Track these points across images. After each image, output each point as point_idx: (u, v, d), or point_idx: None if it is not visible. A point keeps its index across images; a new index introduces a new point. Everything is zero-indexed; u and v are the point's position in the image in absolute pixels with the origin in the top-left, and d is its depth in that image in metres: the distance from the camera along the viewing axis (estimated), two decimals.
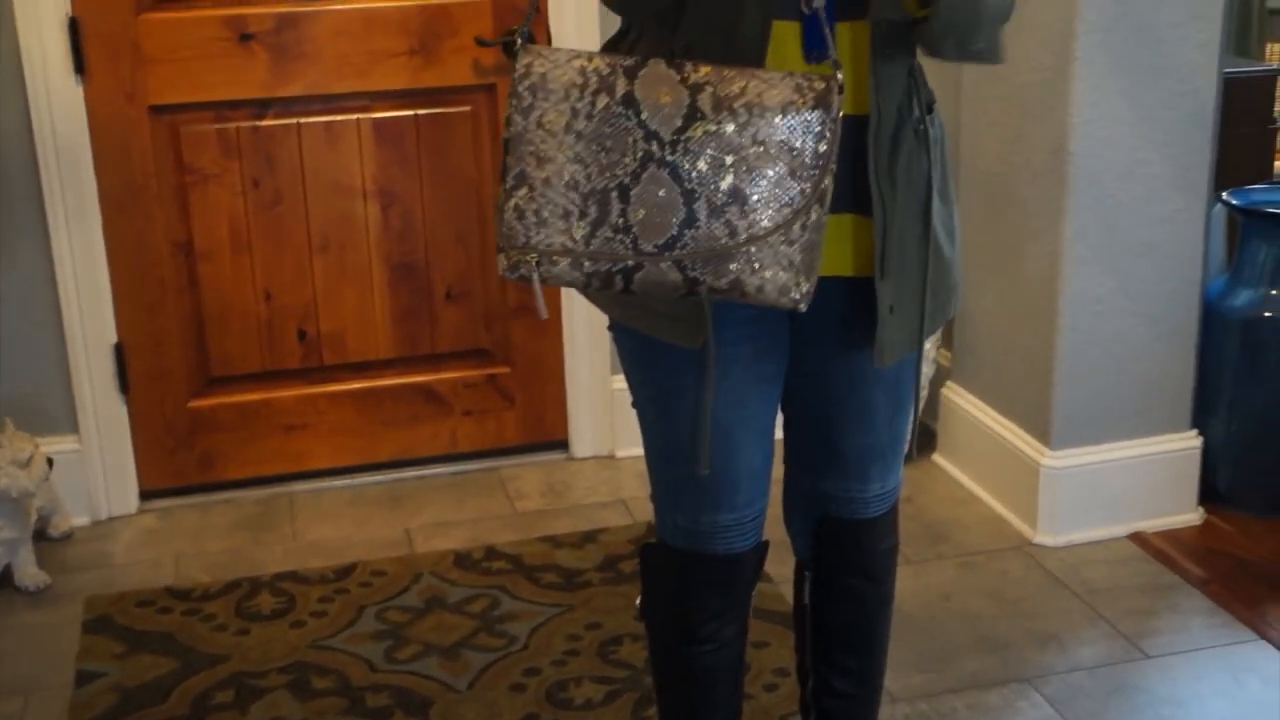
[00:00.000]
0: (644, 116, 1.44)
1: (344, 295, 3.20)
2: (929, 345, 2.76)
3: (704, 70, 1.44)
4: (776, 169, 1.43)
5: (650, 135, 1.44)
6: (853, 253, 1.65)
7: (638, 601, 1.92)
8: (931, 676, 2.48)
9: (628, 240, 1.44)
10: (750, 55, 1.52)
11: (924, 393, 3.27)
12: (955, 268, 1.75)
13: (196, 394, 3.18)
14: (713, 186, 1.43)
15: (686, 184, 1.43)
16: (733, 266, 1.43)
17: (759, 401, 1.74)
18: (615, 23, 1.70)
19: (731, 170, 1.43)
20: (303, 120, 3.09)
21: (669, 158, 1.43)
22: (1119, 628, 2.63)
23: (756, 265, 1.43)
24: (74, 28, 2.88)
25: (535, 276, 1.47)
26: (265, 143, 3.07)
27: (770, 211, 1.42)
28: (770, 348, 1.71)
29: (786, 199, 1.42)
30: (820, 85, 1.43)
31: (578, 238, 1.46)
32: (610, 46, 1.68)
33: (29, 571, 2.82)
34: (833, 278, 1.63)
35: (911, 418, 1.83)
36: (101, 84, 2.94)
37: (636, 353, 1.73)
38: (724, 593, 1.83)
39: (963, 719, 2.36)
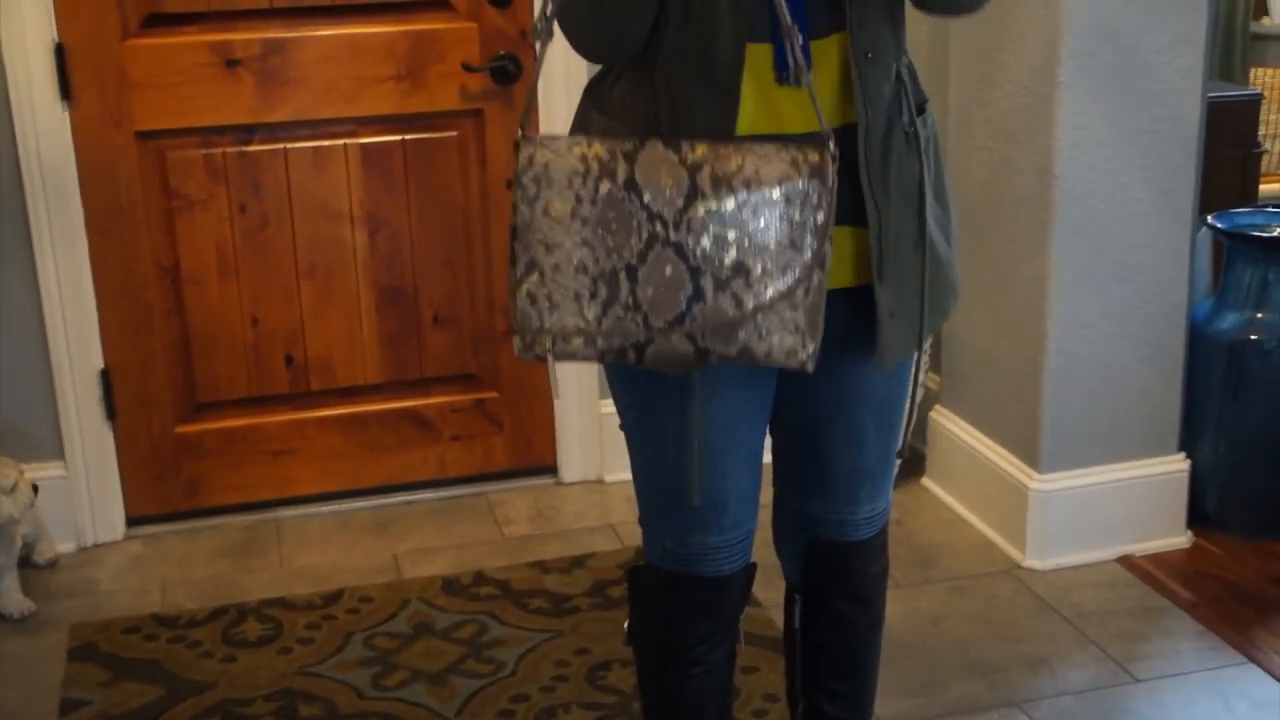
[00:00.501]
0: (647, 199, 1.48)
1: (331, 320, 3.19)
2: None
3: (700, 149, 1.48)
4: (778, 241, 1.46)
5: (654, 216, 1.47)
6: (851, 264, 1.65)
7: (625, 626, 1.92)
8: (921, 701, 2.47)
9: (638, 317, 1.49)
10: (726, 79, 1.54)
11: (914, 416, 3.26)
12: (953, 266, 1.76)
13: (183, 419, 3.17)
14: (717, 262, 1.47)
15: (692, 261, 1.47)
16: (741, 335, 1.47)
17: (747, 423, 1.74)
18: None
19: (734, 245, 1.47)
20: (289, 145, 3.08)
21: (673, 237, 1.47)
22: (1108, 651, 2.62)
23: (764, 332, 1.47)
24: (60, 53, 2.88)
25: (550, 357, 1.51)
26: (252, 168, 3.07)
27: (774, 282, 1.47)
28: (758, 369, 1.70)
29: (789, 268, 1.46)
30: (815, 157, 1.46)
31: (590, 318, 1.50)
32: (595, 84, 1.70)
33: (14, 599, 2.80)
34: (829, 291, 1.64)
35: (903, 431, 1.84)
36: (87, 109, 2.93)
37: (624, 375, 1.73)
38: (712, 615, 1.82)
39: None
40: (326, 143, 3.10)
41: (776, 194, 1.46)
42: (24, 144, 2.88)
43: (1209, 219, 3.04)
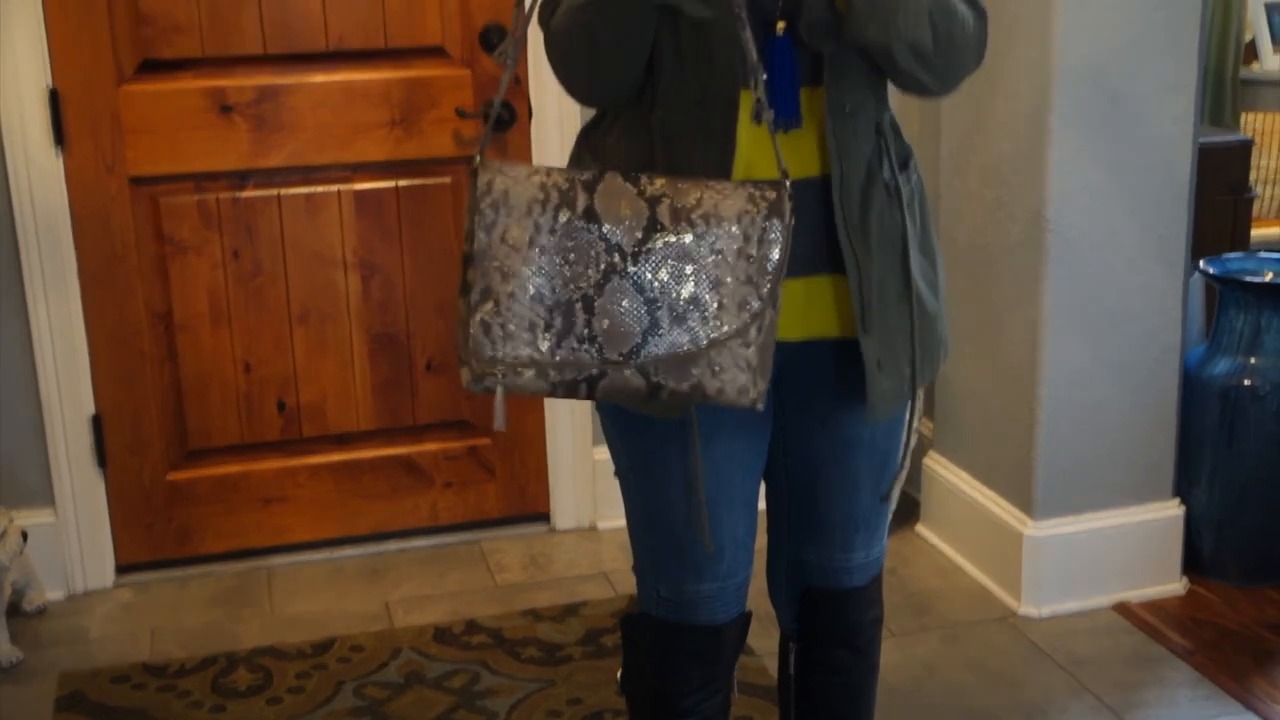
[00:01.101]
0: (605, 229, 1.46)
1: (324, 366, 3.19)
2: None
3: (659, 183, 1.47)
4: (734, 276, 1.44)
5: (612, 248, 1.45)
6: (836, 314, 1.66)
7: (619, 675, 1.90)
8: None
9: (593, 350, 1.46)
10: (721, 124, 1.55)
11: (907, 462, 3.26)
12: (941, 319, 1.76)
13: (175, 466, 3.16)
14: (674, 295, 1.45)
15: (649, 293, 1.45)
16: (694, 371, 1.45)
17: (742, 470, 1.73)
18: None
19: (691, 279, 1.45)
20: (283, 191, 3.09)
21: (631, 269, 1.45)
22: (1105, 700, 2.60)
23: (717, 369, 1.45)
24: (54, 99, 2.89)
25: (499, 389, 1.48)
26: (245, 214, 3.07)
27: (729, 317, 1.45)
28: (752, 416, 1.70)
29: (744, 305, 1.45)
30: (772, 195, 1.45)
31: (544, 349, 1.47)
32: (589, 129, 1.70)
33: (2, 648, 2.77)
34: (818, 340, 1.64)
35: (897, 476, 1.83)
36: (81, 155, 2.94)
37: (620, 423, 1.73)
38: (706, 664, 1.81)
39: None
40: (320, 189, 3.10)
41: (735, 229, 1.44)
42: (17, 189, 2.89)
43: (1201, 264, 3.04)
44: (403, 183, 3.14)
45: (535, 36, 1.66)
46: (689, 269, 1.44)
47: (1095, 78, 2.71)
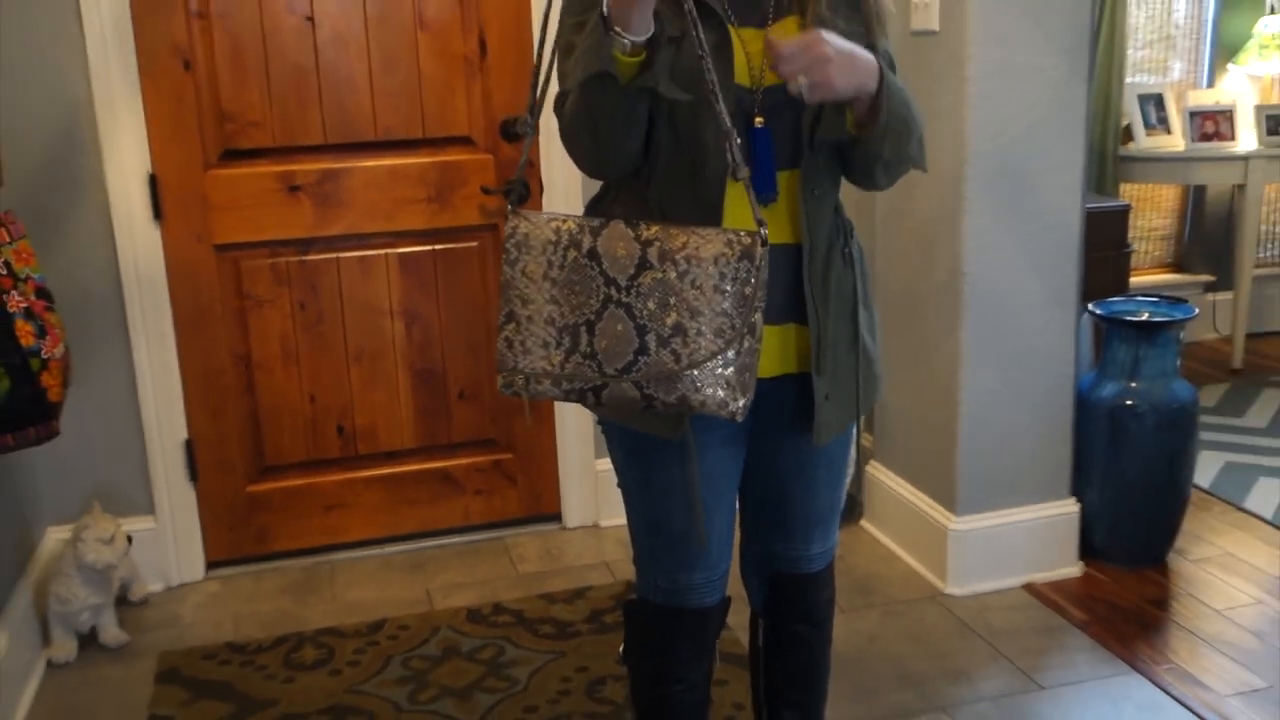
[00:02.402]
0: (604, 266, 1.47)
1: (375, 396, 3.18)
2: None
3: (654, 229, 1.47)
4: (711, 308, 1.44)
5: (609, 281, 1.46)
6: (795, 355, 1.66)
7: (620, 649, 1.89)
8: (862, 708, 2.44)
9: (594, 365, 1.47)
10: (711, 198, 1.56)
11: (852, 469, 3.26)
12: (878, 361, 1.77)
13: (253, 480, 3.15)
14: (660, 323, 1.45)
15: (639, 320, 1.45)
16: (679, 386, 1.45)
17: (726, 480, 1.73)
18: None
19: (675, 309, 1.44)
20: (340, 255, 3.09)
21: (625, 299, 1.46)
22: (1017, 664, 2.60)
23: (698, 385, 1.44)
24: (153, 183, 2.89)
25: (525, 394, 1.51)
26: (310, 273, 3.08)
27: (706, 342, 1.44)
28: (733, 437, 1.70)
29: (721, 332, 1.44)
30: (747, 240, 1.44)
31: (555, 363, 1.49)
32: (595, 202, 1.70)
33: (111, 632, 2.76)
34: (782, 376, 1.65)
35: (846, 487, 1.84)
36: (175, 228, 2.94)
37: (625, 443, 1.72)
38: (695, 641, 1.80)
39: None
40: (371, 252, 3.11)
41: (712, 269, 1.43)
42: (123, 256, 2.89)
43: (1090, 306, 3.05)
44: (438, 247, 3.14)
45: (545, 126, 1.66)
46: (672, 300, 1.44)
47: (1001, 157, 2.73)
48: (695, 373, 1.44)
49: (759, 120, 1.55)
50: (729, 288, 1.43)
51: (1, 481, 2.65)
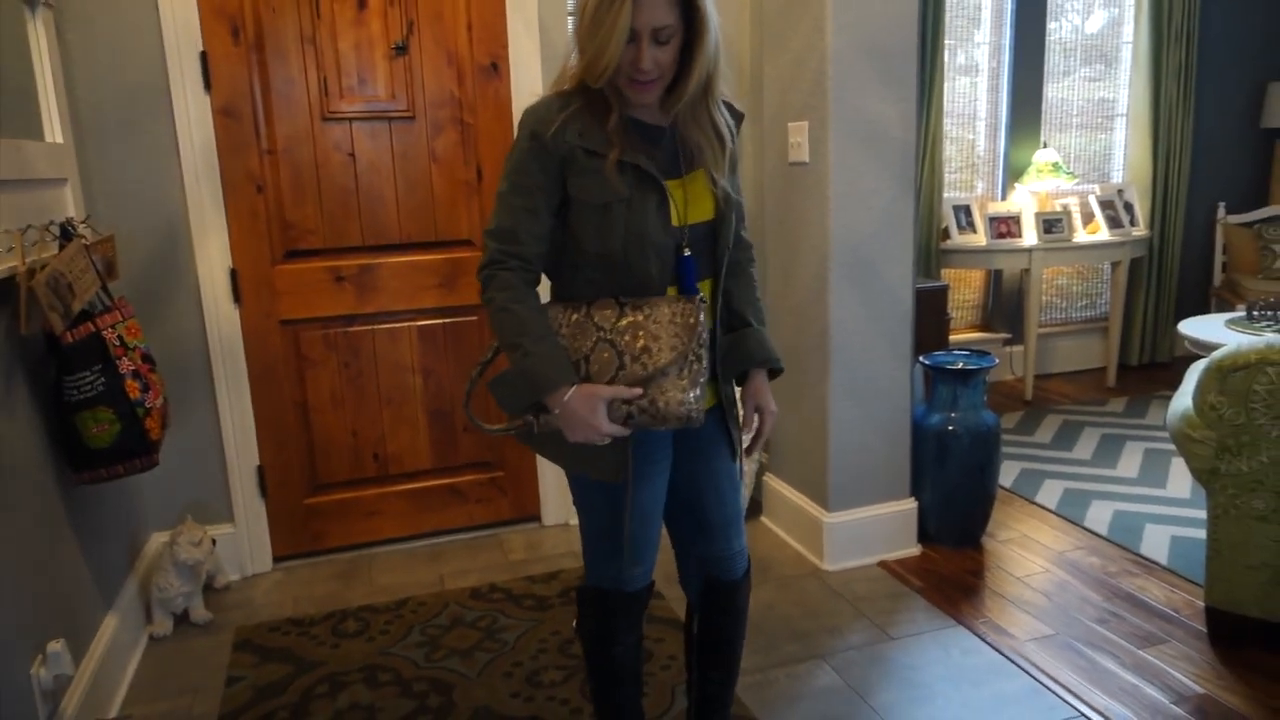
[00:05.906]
0: (596, 320, 1.53)
1: (401, 431, 3.12)
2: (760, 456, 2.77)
3: (631, 300, 1.54)
4: (668, 338, 1.50)
5: (598, 328, 1.52)
6: (712, 397, 1.68)
7: (574, 623, 1.84)
8: (762, 658, 2.41)
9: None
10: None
11: (753, 480, 3.24)
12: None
13: (309, 495, 3.07)
14: (633, 349, 1.50)
15: (619, 349, 1.51)
16: (649, 392, 1.50)
17: (654, 504, 1.71)
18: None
19: (642, 339, 1.50)
20: (375, 327, 3.04)
21: (608, 338, 1.51)
22: (874, 621, 2.57)
23: (662, 389, 1.49)
24: (233, 275, 2.84)
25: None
26: (352, 341, 3.02)
27: (663, 359, 1.49)
28: (665, 468, 1.69)
29: (675, 352, 1.50)
30: (690, 298, 1.53)
31: None
32: (560, 290, 1.67)
33: (199, 612, 2.67)
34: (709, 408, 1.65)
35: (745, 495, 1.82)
36: (250, 308, 2.89)
37: (580, 481, 1.70)
38: (630, 616, 1.77)
39: (783, 685, 2.29)
40: (398, 325, 3.06)
41: (667, 310, 1.51)
42: (210, 329, 2.83)
43: (921, 358, 3.07)
44: (447, 321, 3.11)
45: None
46: (641, 334, 1.50)
47: (854, 253, 2.75)
48: (659, 379, 1.49)
49: (686, 250, 1.56)
50: (680, 329, 1.50)
51: (116, 499, 2.57)
